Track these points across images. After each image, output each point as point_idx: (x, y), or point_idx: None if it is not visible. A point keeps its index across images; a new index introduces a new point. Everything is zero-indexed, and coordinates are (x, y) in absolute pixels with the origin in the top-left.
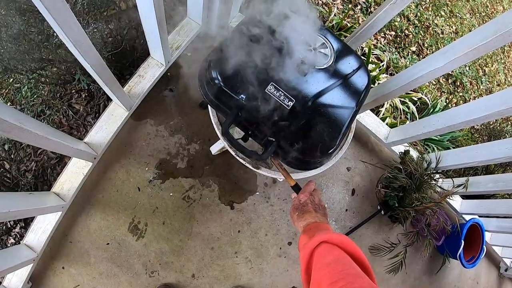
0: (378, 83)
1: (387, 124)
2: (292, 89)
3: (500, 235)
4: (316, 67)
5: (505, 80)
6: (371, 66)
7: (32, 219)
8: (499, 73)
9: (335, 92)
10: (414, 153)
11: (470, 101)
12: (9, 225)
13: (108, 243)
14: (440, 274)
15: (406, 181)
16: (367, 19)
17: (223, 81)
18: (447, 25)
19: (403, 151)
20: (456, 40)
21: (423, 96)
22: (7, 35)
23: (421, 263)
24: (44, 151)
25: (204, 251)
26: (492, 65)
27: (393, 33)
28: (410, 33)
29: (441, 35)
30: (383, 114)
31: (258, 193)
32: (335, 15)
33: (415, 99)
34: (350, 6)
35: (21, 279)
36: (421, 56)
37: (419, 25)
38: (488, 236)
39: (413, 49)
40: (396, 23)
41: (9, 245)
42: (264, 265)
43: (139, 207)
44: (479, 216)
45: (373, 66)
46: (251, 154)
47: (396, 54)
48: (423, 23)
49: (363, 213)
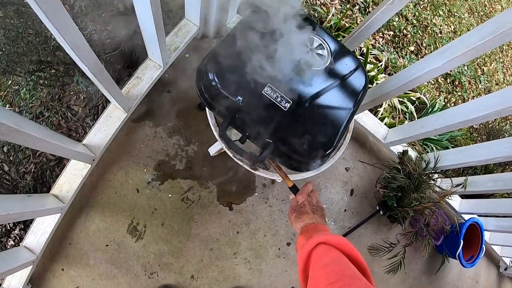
0: (377, 83)
1: (385, 124)
2: (289, 90)
3: (499, 234)
4: (313, 68)
5: (504, 79)
6: (369, 66)
7: (31, 221)
8: (497, 72)
9: (332, 93)
10: (412, 153)
11: (469, 100)
12: (8, 227)
13: (107, 245)
14: (440, 274)
15: (404, 181)
16: (364, 19)
17: (220, 83)
18: (446, 24)
19: (401, 151)
20: (454, 40)
21: (422, 95)
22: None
23: (420, 263)
24: (43, 153)
25: (203, 252)
26: (491, 64)
27: (391, 33)
28: (409, 33)
29: (439, 35)
30: (381, 114)
31: (256, 194)
32: (333, 15)
33: (414, 99)
34: (348, 6)
35: (20, 281)
36: (419, 56)
37: (417, 24)
38: (487, 236)
39: (412, 48)
40: (394, 23)
41: (8, 247)
42: (263, 265)
43: (138, 209)
44: (478, 216)
45: (371, 66)
46: (249, 155)
47: (394, 54)
48: (421, 22)
49: (362, 214)
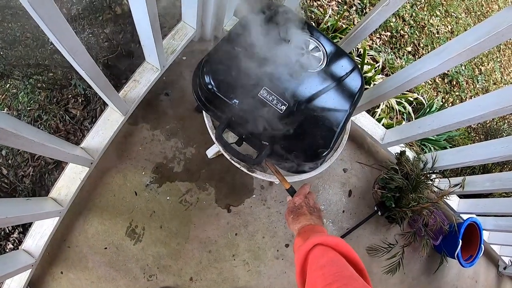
0: (374, 84)
1: (383, 125)
2: (285, 93)
3: (498, 234)
4: (309, 70)
5: (501, 79)
6: (366, 67)
7: (30, 224)
8: (495, 71)
9: (329, 95)
10: (410, 154)
11: (466, 100)
12: (7, 230)
13: (106, 248)
14: (439, 274)
15: (402, 182)
16: (361, 20)
17: (216, 86)
18: (443, 24)
19: (399, 152)
20: (450, 40)
21: (419, 96)
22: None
23: (419, 263)
24: (41, 156)
25: (202, 254)
26: (488, 64)
27: (388, 33)
28: (406, 33)
29: (436, 35)
30: (379, 115)
31: (254, 195)
32: (330, 17)
33: (411, 99)
34: (345, 7)
35: (20, 284)
36: (416, 56)
37: (414, 25)
38: (486, 235)
39: (409, 49)
40: (391, 23)
41: (7, 250)
42: (262, 267)
43: (136, 211)
44: (477, 215)
45: (368, 67)
46: (245, 158)
47: (391, 55)
48: (418, 23)
49: (360, 214)
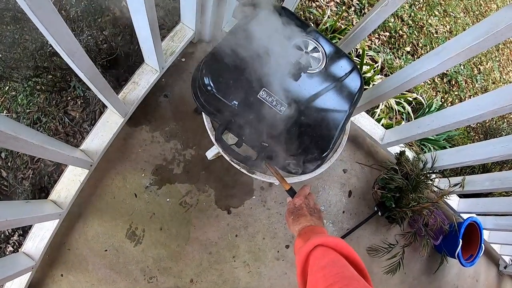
0: (373, 84)
1: (382, 125)
2: (285, 94)
3: (498, 233)
4: (308, 71)
5: (500, 78)
6: (365, 68)
7: (30, 227)
8: (494, 71)
9: (328, 95)
10: (410, 154)
11: (465, 100)
12: (7, 233)
13: (106, 250)
14: (439, 273)
15: (402, 182)
16: (360, 21)
17: (215, 87)
18: (441, 24)
19: (398, 152)
20: (449, 40)
21: (418, 96)
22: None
23: (419, 263)
24: (41, 158)
25: (202, 256)
26: (487, 63)
27: (387, 33)
28: (404, 34)
29: (435, 35)
30: (378, 115)
31: (254, 197)
32: (328, 17)
33: (410, 99)
34: (343, 8)
35: (20, 287)
36: (415, 56)
37: (413, 25)
38: (486, 234)
39: (408, 49)
40: (390, 23)
41: (7, 253)
42: (262, 268)
43: (136, 213)
44: (477, 215)
45: (367, 67)
46: (245, 159)
47: (390, 55)
48: (417, 23)
49: (360, 215)
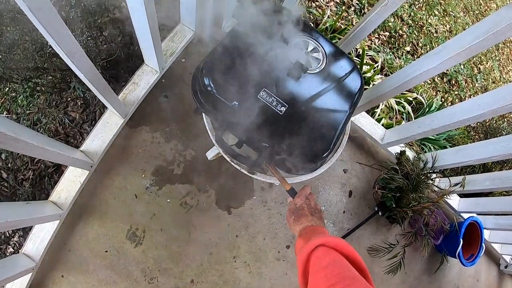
0: (373, 84)
1: (382, 125)
2: (285, 94)
3: (498, 232)
4: (308, 71)
5: (500, 77)
6: (365, 67)
7: (30, 228)
8: (494, 70)
9: (328, 95)
10: (410, 154)
11: (466, 99)
12: (7, 234)
13: (107, 251)
14: (440, 273)
15: (402, 182)
16: (360, 21)
17: (215, 88)
18: (441, 24)
19: (399, 152)
20: (449, 40)
21: (419, 96)
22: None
23: (420, 262)
24: (41, 159)
25: (203, 256)
26: (487, 63)
27: (387, 33)
28: (404, 33)
29: (435, 34)
30: (378, 115)
31: (255, 197)
32: (328, 17)
33: (411, 99)
34: (343, 8)
35: None
36: (415, 56)
37: (413, 25)
38: (486, 234)
39: (408, 49)
40: (390, 23)
41: (8, 254)
42: (263, 269)
43: (136, 214)
44: (477, 214)
45: (367, 67)
46: (245, 160)
47: (390, 55)
48: (417, 22)
49: (360, 215)
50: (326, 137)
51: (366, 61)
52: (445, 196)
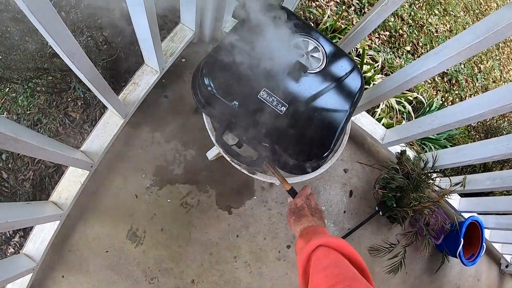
0: (373, 84)
1: (383, 124)
2: (285, 94)
3: (499, 232)
4: (309, 71)
5: (501, 77)
6: (365, 67)
7: (31, 228)
8: (494, 69)
9: (328, 95)
10: (410, 153)
11: (466, 99)
12: (8, 234)
13: (107, 251)
14: (441, 273)
15: (403, 181)
16: (360, 20)
17: (215, 88)
18: (441, 23)
19: (399, 152)
20: (449, 39)
21: (419, 95)
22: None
23: (421, 262)
24: (41, 160)
25: (203, 256)
26: (487, 62)
27: (387, 33)
28: (405, 33)
29: (435, 34)
30: (379, 115)
31: (255, 197)
32: (328, 17)
33: (411, 98)
34: (343, 7)
35: None
36: (416, 56)
37: (413, 24)
38: (487, 233)
39: (408, 48)
40: (390, 23)
41: (8, 254)
42: (264, 269)
43: (137, 214)
44: (478, 214)
45: (367, 67)
46: (245, 160)
47: (391, 54)
48: (417, 22)
49: (361, 215)
50: (327, 136)
51: (367, 61)
52: (445, 196)
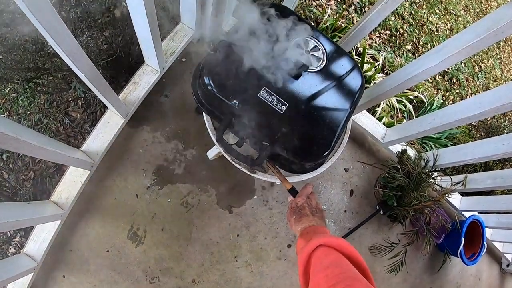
0: (374, 83)
1: (383, 123)
2: (285, 93)
3: (500, 231)
4: (309, 70)
5: (502, 76)
6: (366, 66)
7: (32, 228)
8: (495, 68)
9: (329, 94)
10: (411, 152)
11: (467, 97)
12: (9, 234)
13: (108, 251)
14: (442, 272)
15: (404, 181)
16: (360, 19)
17: (215, 87)
18: (442, 22)
19: (400, 151)
20: (450, 38)
21: (420, 94)
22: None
23: (422, 261)
24: (42, 160)
25: (204, 256)
26: (488, 61)
27: (388, 32)
28: (405, 32)
29: (436, 33)
30: (379, 114)
31: (256, 196)
32: (329, 16)
33: (412, 97)
34: (344, 6)
35: None
36: (416, 55)
37: (413, 23)
38: (488, 232)
39: (409, 47)
40: (390, 22)
41: (9, 254)
42: (264, 268)
43: (137, 214)
44: (479, 213)
45: (368, 66)
46: (246, 159)
47: (391, 53)
48: (417, 21)
49: (362, 214)
50: (327, 135)
51: (367, 60)
52: (446, 195)
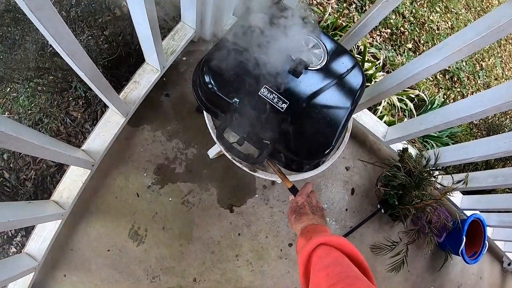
0: (375, 81)
1: (385, 122)
2: (286, 91)
3: (502, 230)
4: (310, 68)
5: (503, 74)
6: (367, 65)
7: (33, 227)
8: (496, 67)
9: (330, 92)
10: (412, 151)
11: (468, 96)
12: (10, 234)
13: (109, 250)
14: (443, 271)
15: (405, 179)
16: (361, 18)
17: (216, 85)
18: (443, 21)
19: (401, 149)
20: (451, 36)
21: (421, 93)
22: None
23: (423, 260)
24: (43, 159)
25: (205, 255)
26: (489, 60)
27: (388, 30)
28: (406, 30)
29: (437, 31)
30: (380, 112)
31: (257, 195)
32: (329, 15)
33: (413, 96)
34: (344, 5)
35: None
36: (417, 53)
37: (414, 22)
38: (489, 231)
39: (409, 46)
40: (391, 20)
41: (10, 254)
42: (265, 267)
43: (138, 213)
44: (480, 212)
45: (369, 64)
46: (246, 157)
47: (392, 52)
48: (418, 19)
49: (363, 212)
50: (328, 134)
51: (368, 58)
52: (448, 194)
